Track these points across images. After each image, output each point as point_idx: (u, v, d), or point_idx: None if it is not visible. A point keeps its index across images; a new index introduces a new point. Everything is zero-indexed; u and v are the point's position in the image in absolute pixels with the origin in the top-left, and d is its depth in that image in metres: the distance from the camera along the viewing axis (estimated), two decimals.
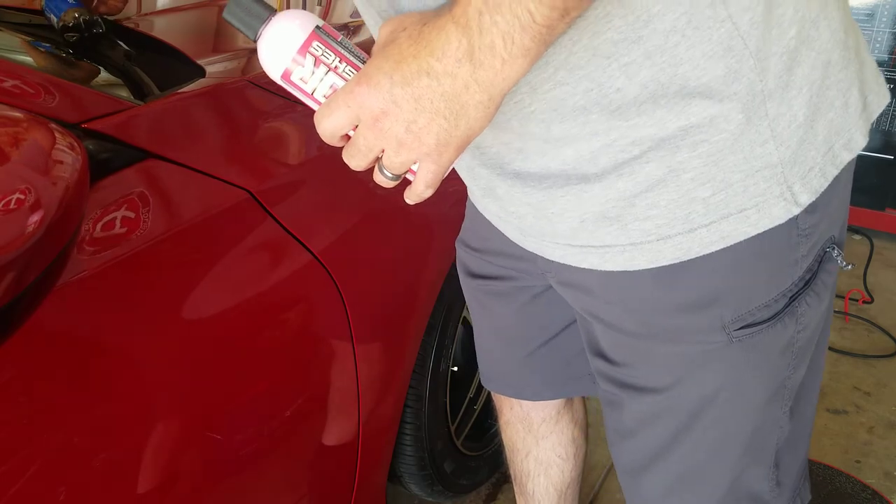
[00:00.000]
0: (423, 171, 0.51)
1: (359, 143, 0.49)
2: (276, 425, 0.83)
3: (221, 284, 0.79)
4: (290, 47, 0.51)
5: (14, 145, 0.61)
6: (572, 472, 1.13)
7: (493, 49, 0.43)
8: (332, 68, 0.51)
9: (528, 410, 1.06)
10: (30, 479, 0.60)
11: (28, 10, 1.13)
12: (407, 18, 0.48)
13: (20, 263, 0.54)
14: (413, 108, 0.46)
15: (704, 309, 0.61)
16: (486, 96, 0.46)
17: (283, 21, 0.51)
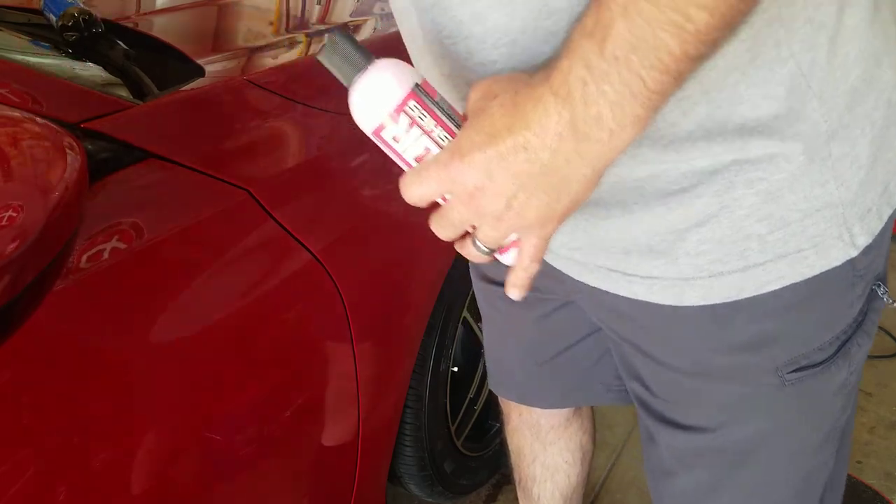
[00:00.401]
0: (527, 245, 0.48)
1: (451, 216, 0.46)
2: (275, 426, 0.83)
3: (221, 284, 0.78)
4: (386, 104, 0.48)
5: (13, 145, 0.61)
6: (578, 476, 1.13)
7: (600, 121, 0.40)
8: (427, 132, 0.48)
9: (538, 417, 1.04)
10: (29, 480, 0.60)
11: (27, 9, 1.12)
12: (496, 84, 0.45)
13: (19, 263, 0.54)
14: (511, 184, 0.43)
15: (757, 350, 0.59)
16: (590, 169, 0.42)
17: (380, 73, 0.48)
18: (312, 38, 1.31)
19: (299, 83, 1.03)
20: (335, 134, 1.00)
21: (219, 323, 0.77)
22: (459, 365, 1.42)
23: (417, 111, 0.48)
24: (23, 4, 1.17)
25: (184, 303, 0.75)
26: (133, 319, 0.71)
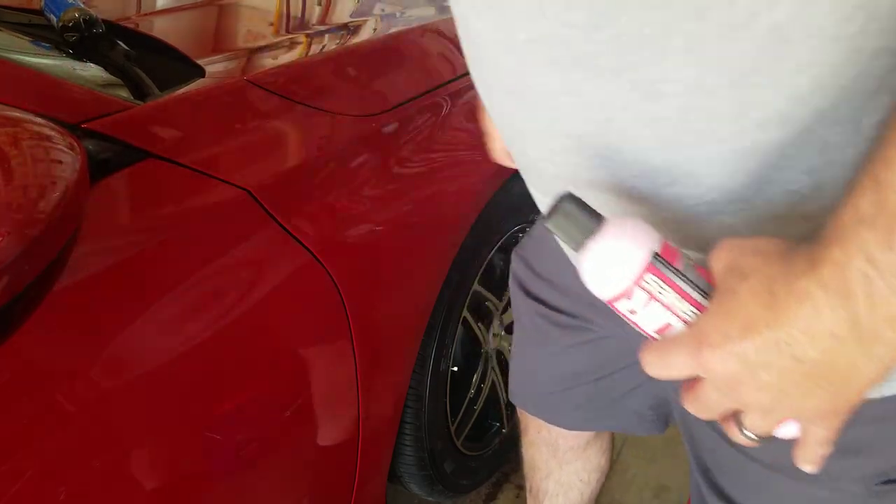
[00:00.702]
0: (811, 435, 0.42)
1: (708, 400, 0.41)
2: (275, 426, 0.83)
3: (221, 284, 0.79)
4: (621, 279, 0.42)
5: (14, 145, 0.61)
6: (592, 493, 1.11)
7: (894, 322, 0.34)
8: (667, 306, 0.42)
9: (556, 437, 1.01)
10: (30, 480, 0.60)
11: (28, 10, 1.13)
12: (743, 259, 0.39)
13: (20, 263, 0.54)
14: (777, 380, 0.37)
15: (852, 456, 0.53)
16: (882, 367, 0.36)
17: (615, 241, 0.43)
18: (313, 39, 1.31)
19: (300, 84, 1.04)
20: (335, 134, 1.01)
21: (218, 323, 0.77)
22: (459, 365, 1.42)
23: (656, 285, 0.42)
24: (23, 5, 1.17)
25: (184, 303, 0.75)
26: (133, 319, 0.71)
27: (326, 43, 1.29)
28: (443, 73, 1.28)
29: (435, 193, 1.09)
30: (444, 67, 1.31)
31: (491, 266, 1.50)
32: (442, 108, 1.20)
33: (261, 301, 0.82)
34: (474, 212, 1.17)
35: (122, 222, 0.74)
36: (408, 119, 1.12)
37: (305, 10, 1.54)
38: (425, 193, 1.07)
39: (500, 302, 1.45)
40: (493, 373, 1.47)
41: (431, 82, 1.23)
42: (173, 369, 0.73)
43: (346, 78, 1.12)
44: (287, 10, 1.50)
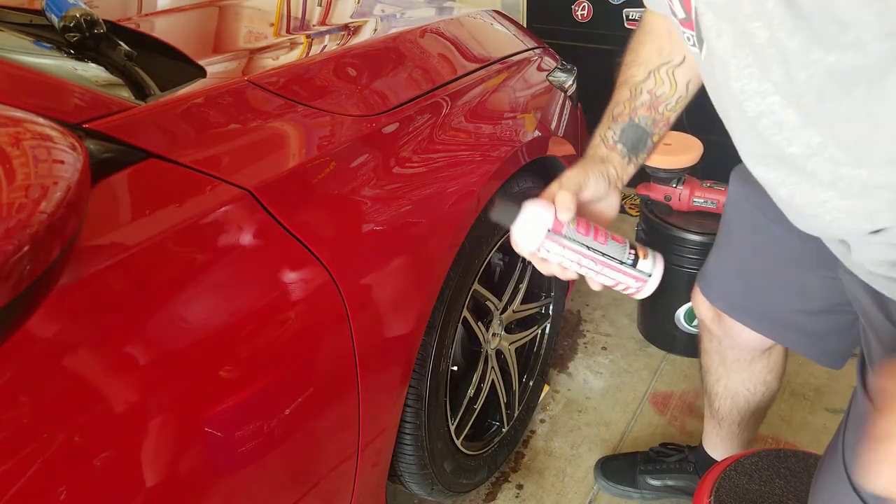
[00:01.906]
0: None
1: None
2: (275, 425, 0.83)
3: (221, 284, 0.79)
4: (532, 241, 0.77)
5: (15, 145, 0.62)
6: (759, 403, 1.26)
7: None
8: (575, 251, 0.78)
9: (726, 348, 1.18)
10: (31, 480, 0.61)
11: (29, 10, 1.13)
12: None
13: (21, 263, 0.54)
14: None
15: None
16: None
17: (525, 221, 0.77)
18: (313, 40, 1.31)
19: (300, 84, 1.04)
20: (336, 134, 1.01)
21: (219, 323, 0.78)
22: (459, 365, 1.42)
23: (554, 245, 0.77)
24: (25, 5, 1.18)
25: (184, 303, 0.75)
26: (134, 320, 0.71)
27: (327, 43, 1.29)
28: (443, 74, 1.28)
29: (435, 193, 1.09)
30: (443, 68, 1.32)
31: (491, 266, 1.50)
32: (442, 109, 1.20)
33: (261, 301, 0.82)
34: (474, 212, 1.17)
35: (123, 222, 0.75)
36: (408, 119, 1.12)
37: (306, 11, 1.54)
38: (425, 193, 1.08)
39: (500, 302, 1.45)
40: (492, 372, 1.47)
41: (431, 83, 1.23)
42: (173, 369, 0.73)
43: (347, 78, 1.12)
44: (288, 11, 1.50)
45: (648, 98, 0.91)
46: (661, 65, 0.91)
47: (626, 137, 0.91)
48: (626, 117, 0.91)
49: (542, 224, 0.76)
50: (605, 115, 0.93)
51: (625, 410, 1.78)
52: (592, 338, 2.05)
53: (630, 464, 1.52)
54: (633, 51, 0.95)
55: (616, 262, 0.79)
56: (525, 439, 1.69)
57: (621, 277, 0.81)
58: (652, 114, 0.92)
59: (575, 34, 2.77)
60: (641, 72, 0.92)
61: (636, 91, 0.92)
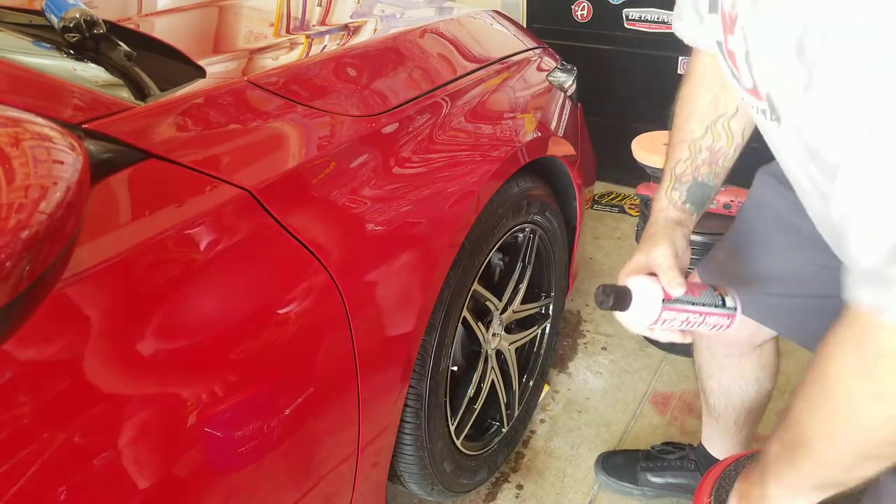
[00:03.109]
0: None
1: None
2: (275, 425, 0.83)
3: (221, 284, 0.79)
4: (651, 316, 0.86)
5: (15, 145, 0.62)
6: (753, 402, 1.27)
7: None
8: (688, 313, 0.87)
9: (714, 344, 1.22)
10: (31, 480, 0.61)
11: (29, 10, 1.13)
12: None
13: (21, 264, 0.54)
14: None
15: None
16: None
17: (639, 303, 0.85)
18: (313, 40, 1.31)
19: (300, 84, 1.04)
20: (336, 134, 1.01)
21: (218, 323, 0.78)
22: (459, 364, 1.42)
23: (672, 313, 0.86)
24: (24, 5, 1.18)
25: (184, 303, 0.75)
26: (134, 319, 0.71)
27: (327, 44, 1.29)
28: (442, 74, 1.28)
29: (435, 193, 1.09)
30: (443, 68, 1.32)
31: (491, 266, 1.50)
32: (442, 109, 1.20)
33: (261, 301, 0.82)
34: (474, 212, 1.18)
35: (123, 222, 0.75)
36: (408, 119, 1.12)
37: (306, 11, 1.54)
38: (425, 193, 1.08)
39: (500, 302, 1.45)
40: (492, 372, 1.47)
41: (431, 83, 1.23)
42: (173, 369, 0.73)
43: (347, 78, 1.12)
44: (287, 11, 1.50)
45: (708, 155, 0.96)
46: (718, 118, 0.94)
47: (693, 197, 0.96)
48: (689, 176, 0.96)
49: (656, 301, 0.84)
50: (667, 173, 0.98)
51: (625, 410, 1.78)
52: (592, 338, 2.05)
53: (631, 460, 1.53)
54: (686, 103, 0.97)
55: (713, 308, 0.88)
56: (525, 439, 1.69)
57: (719, 320, 0.89)
58: (713, 168, 0.97)
59: (575, 34, 2.78)
60: (699, 128, 0.95)
61: (695, 149, 0.96)
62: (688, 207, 0.96)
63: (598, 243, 2.48)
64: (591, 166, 1.81)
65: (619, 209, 2.77)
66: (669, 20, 2.54)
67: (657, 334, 0.90)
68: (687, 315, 0.87)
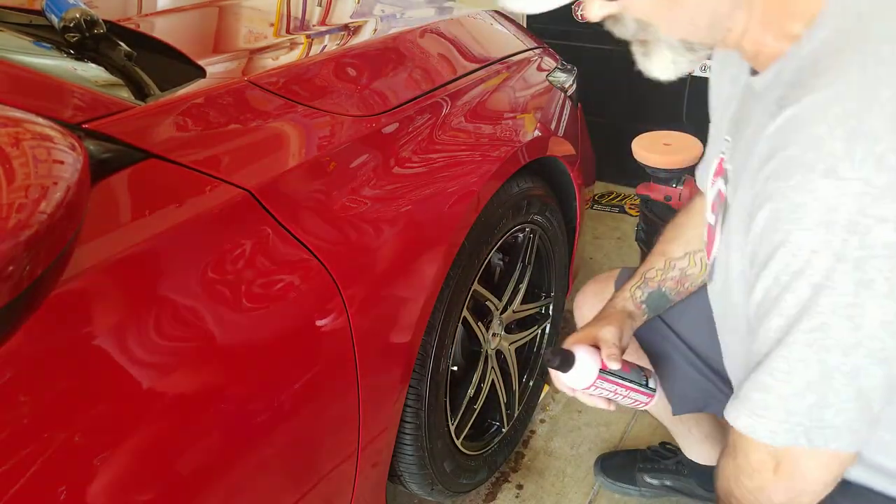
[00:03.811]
0: None
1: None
2: (275, 425, 0.83)
3: (221, 284, 0.79)
4: (587, 380, 0.98)
5: (15, 145, 0.62)
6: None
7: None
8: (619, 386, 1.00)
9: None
10: (31, 480, 0.61)
11: (29, 10, 1.13)
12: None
13: (21, 264, 0.54)
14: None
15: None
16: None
17: (580, 367, 0.96)
18: (313, 40, 1.31)
19: (300, 84, 1.04)
20: (336, 134, 1.01)
21: (219, 323, 0.78)
22: (459, 365, 1.42)
23: (605, 383, 0.98)
24: (24, 5, 1.18)
25: (184, 303, 0.75)
26: (134, 319, 0.71)
27: (327, 44, 1.29)
28: (443, 74, 1.29)
29: (435, 193, 1.09)
30: (443, 68, 1.32)
31: (491, 266, 1.50)
32: (442, 109, 1.20)
33: (261, 301, 0.82)
34: (474, 212, 1.18)
35: (123, 222, 0.75)
36: (408, 119, 1.12)
37: (306, 11, 1.54)
38: (425, 193, 1.08)
39: (500, 302, 1.45)
40: (492, 373, 1.47)
41: (431, 83, 1.23)
42: (173, 369, 0.73)
43: (347, 78, 1.12)
44: (287, 11, 1.50)
45: (678, 274, 1.07)
46: (698, 251, 1.06)
47: (652, 302, 1.07)
48: (655, 284, 1.08)
49: (594, 369, 0.96)
50: (638, 273, 1.10)
51: (625, 410, 1.78)
52: None
53: (629, 461, 1.53)
54: (678, 226, 1.10)
55: (637, 385, 1.01)
56: (525, 439, 1.69)
57: (640, 397, 1.02)
58: (677, 287, 1.08)
59: (575, 34, 2.77)
60: (680, 250, 1.08)
61: (669, 265, 1.08)
62: (643, 308, 1.07)
63: (598, 243, 2.48)
64: (591, 166, 1.81)
65: (619, 209, 2.77)
66: None
67: (586, 399, 1.02)
68: (615, 387, 0.98)
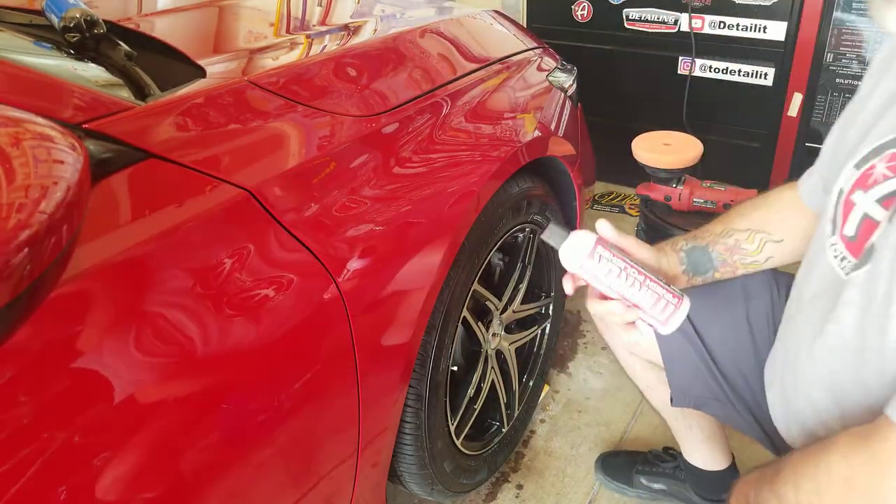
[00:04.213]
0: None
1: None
2: (275, 425, 0.83)
3: (221, 284, 0.79)
4: (582, 251, 0.82)
5: (15, 145, 0.62)
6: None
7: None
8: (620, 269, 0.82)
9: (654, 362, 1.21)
10: (31, 480, 0.61)
11: (29, 10, 1.13)
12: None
13: (21, 264, 0.54)
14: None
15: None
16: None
17: (574, 238, 0.83)
18: (313, 40, 1.31)
19: (300, 84, 1.04)
20: (336, 134, 1.01)
21: (219, 323, 0.78)
22: (459, 364, 1.42)
23: (606, 254, 0.82)
24: (25, 5, 1.18)
25: (184, 303, 0.75)
26: (135, 319, 0.71)
27: (327, 44, 1.29)
28: (443, 74, 1.29)
29: (435, 193, 1.09)
30: (443, 68, 1.32)
31: (491, 266, 1.51)
32: (442, 109, 1.20)
33: (261, 301, 0.82)
34: (474, 212, 1.18)
35: (123, 222, 0.75)
36: (408, 119, 1.12)
37: (306, 11, 1.54)
38: (425, 193, 1.08)
39: (500, 302, 1.45)
40: (492, 373, 1.47)
41: (431, 83, 1.23)
42: (173, 369, 0.73)
43: (347, 78, 1.12)
44: (288, 11, 1.50)
45: (732, 243, 1.02)
46: (762, 232, 1.02)
47: (692, 254, 1.02)
48: (704, 241, 1.03)
49: (592, 235, 0.83)
50: (693, 230, 1.05)
51: (625, 410, 1.78)
52: (592, 338, 2.05)
53: (629, 462, 1.53)
54: (750, 206, 1.05)
55: (655, 277, 0.83)
56: (525, 439, 1.69)
57: (663, 294, 0.83)
58: (726, 255, 1.02)
59: (575, 34, 2.77)
60: (744, 225, 1.03)
61: (727, 232, 1.03)
62: (681, 255, 1.02)
63: None
64: (591, 166, 1.81)
65: (619, 209, 2.77)
66: (669, 20, 2.54)
67: (594, 282, 0.85)
68: (625, 265, 0.82)
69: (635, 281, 0.82)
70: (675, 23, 2.53)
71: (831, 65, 2.29)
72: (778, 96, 2.42)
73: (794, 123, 2.42)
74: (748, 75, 2.45)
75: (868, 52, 2.22)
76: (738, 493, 0.79)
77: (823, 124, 2.38)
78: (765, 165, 2.54)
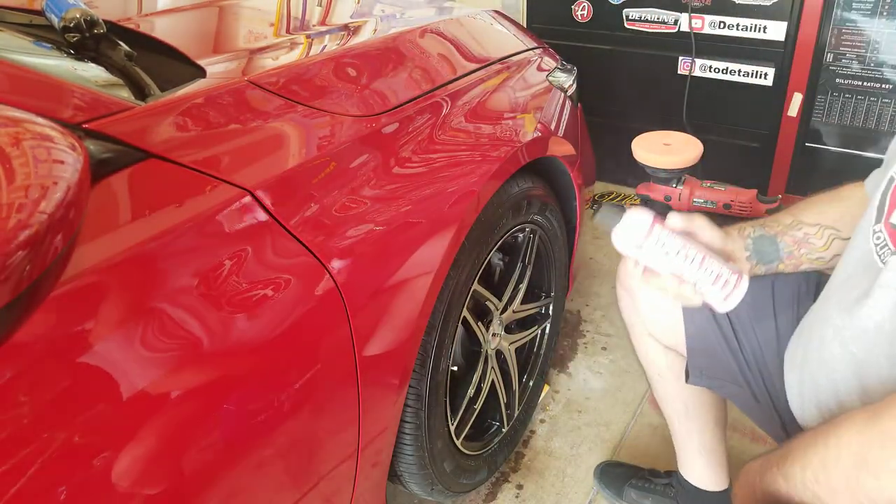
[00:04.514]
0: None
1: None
2: (275, 425, 0.83)
3: (221, 284, 0.79)
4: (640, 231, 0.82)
5: (15, 145, 0.62)
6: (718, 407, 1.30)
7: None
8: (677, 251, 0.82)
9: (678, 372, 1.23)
10: (31, 480, 0.61)
11: (29, 10, 1.13)
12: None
13: (21, 263, 0.54)
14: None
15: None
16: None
17: (630, 218, 0.83)
18: (313, 40, 1.31)
19: (300, 84, 1.04)
20: (336, 134, 1.01)
21: (218, 322, 0.78)
22: (459, 364, 1.42)
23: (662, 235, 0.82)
24: (24, 5, 1.18)
25: (184, 303, 0.75)
26: (135, 320, 0.71)
27: (327, 44, 1.29)
28: (442, 74, 1.29)
29: (435, 193, 1.10)
30: (443, 68, 1.32)
31: (491, 266, 1.51)
32: (442, 109, 1.20)
33: (262, 301, 0.82)
34: (474, 212, 1.18)
35: (123, 222, 0.75)
36: (408, 119, 1.12)
37: (306, 11, 1.54)
38: (425, 193, 1.08)
39: (500, 302, 1.45)
40: (492, 373, 1.47)
41: (431, 83, 1.23)
42: (173, 369, 0.73)
43: (347, 78, 1.12)
44: (287, 11, 1.50)
45: (801, 235, 1.00)
46: (832, 229, 1.00)
47: (759, 242, 1.00)
48: (772, 231, 1.01)
49: (648, 214, 0.81)
50: (764, 218, 1.04)
51: (625, 410, 1.78)
52: (592, 338, 2.05)
53: (625, 474, 1.52)
54: (823, 201, 1.04)
55: (713, 255, 0.83)
56: (525, 439, 1.69)
57: (722, 270, 0.83)
58: (793, 248, 1.01)
59: (575, 34, 2.78)
60: (813, 219, 1.01)
61: (797, 224, 1.01)
62: (748, 242, 1.00)
63: (598, 243, 2.48)
64: (591, 166, 1.81)
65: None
66: (669, 20, 2.54)
67: (651, 262, 0.85)
68: (683, 243, 0.82)
69: (694, 259, 0.82)
70: (675, 23, 2.53)
71: (831, 65, 2.29)
72: (778, 96, 2.42)
73: (794, 123, 2.42)
74: (748, 75, 2.46)
75: (868, 52, 2.22)
76: (743, 481, 0.78)
77: (823, 124, 2.38)
78: (765, 165, 2.55)
